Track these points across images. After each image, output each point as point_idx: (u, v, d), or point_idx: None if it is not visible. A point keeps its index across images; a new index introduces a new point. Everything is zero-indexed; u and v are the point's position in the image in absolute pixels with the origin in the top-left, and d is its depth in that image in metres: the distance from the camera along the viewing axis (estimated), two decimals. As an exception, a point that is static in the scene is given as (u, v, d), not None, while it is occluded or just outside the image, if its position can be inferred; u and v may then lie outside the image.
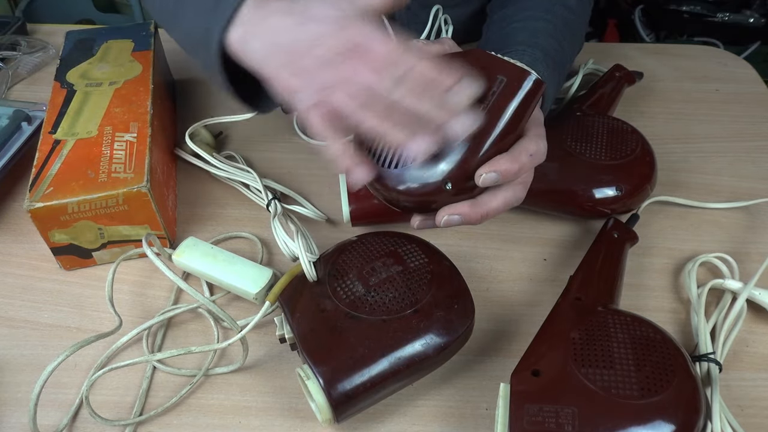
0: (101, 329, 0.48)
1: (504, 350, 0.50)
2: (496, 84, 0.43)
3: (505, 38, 0.62)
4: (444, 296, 0.45)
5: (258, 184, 0.58)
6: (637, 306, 0.52)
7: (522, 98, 0.42)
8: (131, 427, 0.45)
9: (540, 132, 0.46)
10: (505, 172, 0.42)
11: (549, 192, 0.56)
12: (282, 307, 0.46)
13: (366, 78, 0.40)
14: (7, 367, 0.48)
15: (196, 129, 0.63)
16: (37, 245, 0.55)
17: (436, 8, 0.72)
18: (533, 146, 0.44)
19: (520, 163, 0.43)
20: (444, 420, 0.45)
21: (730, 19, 1.50)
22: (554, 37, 0.62)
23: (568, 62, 0.65)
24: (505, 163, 0.43)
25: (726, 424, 0.42)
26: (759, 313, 0.52)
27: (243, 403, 0.46)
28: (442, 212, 0.44)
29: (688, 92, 0.75)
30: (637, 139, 0.59)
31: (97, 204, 0.50)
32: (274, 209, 0.55)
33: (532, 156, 0.44)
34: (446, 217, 0.44)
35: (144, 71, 0.61)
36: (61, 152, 0.53)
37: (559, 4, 0.65)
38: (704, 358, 0.46)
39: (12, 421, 0.45)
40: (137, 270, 0.55)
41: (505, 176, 0.42)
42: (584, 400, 0.39)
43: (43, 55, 0.77)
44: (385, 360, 0.42)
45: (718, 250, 0.55)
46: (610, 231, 0.54)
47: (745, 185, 0.63)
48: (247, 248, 0.57)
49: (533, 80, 0.42)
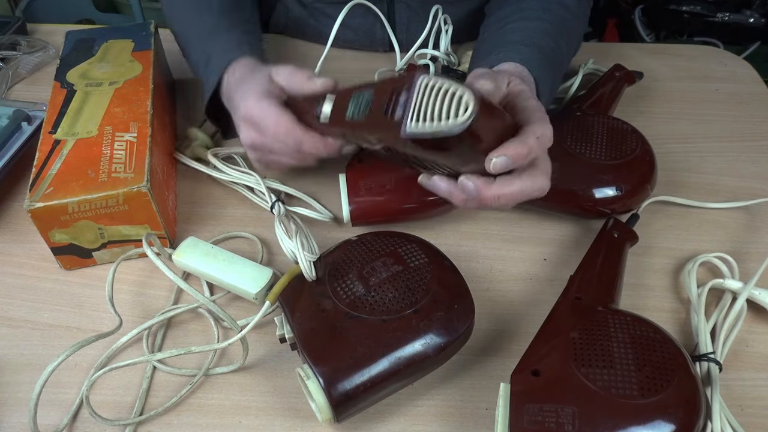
0: (101, 329, 0.48)
1: (504, 350, 0.50)
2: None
3: (501, 38, 0.62)
4: (444, 296, 0.45)
5: (261, 186, 0.58)
6: (637, 306, 0.52)
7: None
8: (131, 426, 0.45)
9: (544, 117, 0.47)
10: (516, 156, 0.44)
11: (549, 192, 0.56)
12: (282, 306, 0.46)
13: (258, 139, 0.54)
14: (7, 367, 0.48)
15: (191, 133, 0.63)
16: (37, 245, 0.55)
17: (436, 8, 0.72)
18: (539, 129, 0.45)
19: (528, 146, 0.44)
20: (444, 420, 0.45)
21: (730, 19, 1.50)
22: (551, 36, 0.62)
23: (566, 61, 0.65)
24: (513, 146, 0.44)
25: (726, 423, 0.42)
26: (759, 312, 0.52)
27: (243, 402, 0.46)
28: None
29: (688, 92, 0.75)
30: (637, 139, 0.59)
31: (97, 204, 0.50)
32: (278, 211, 0.55)
33: (540, 138, 0.45)
34: (463, 178, 0.46)
35: (144, 71, 0.61)
36: (62, 152, 0.53)
37: (556, 3, 0.65)
38: (704, 358, 0.46)
39: (12, 421, 0.45)
40: (137, 270, 0.55)
41: (515, 159, 0.44)
42: (584, 400, 0.39)
43: (43, 55, 0.77)
44: (385, 360, 0.42)
45: (718, 249, 0.55)
46: (610, 231, 0.54)
47: (745, 185, 0.63)
48: (247, 248, 0.57)
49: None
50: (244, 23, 0.65)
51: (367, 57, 0.79)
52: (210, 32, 0.63)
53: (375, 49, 0.79)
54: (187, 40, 0.66)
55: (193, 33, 0.66)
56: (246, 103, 0.53)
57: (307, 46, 0.81)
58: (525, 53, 0.58)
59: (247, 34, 0.63)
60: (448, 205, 0.57)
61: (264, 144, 0.54)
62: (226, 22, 0.64)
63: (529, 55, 0.57)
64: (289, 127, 0.51)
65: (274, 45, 0.81)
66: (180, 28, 0.68)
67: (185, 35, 0.67)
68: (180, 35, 0.68)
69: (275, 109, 0.51)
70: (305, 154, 0.53)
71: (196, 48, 0.64)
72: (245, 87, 0.55)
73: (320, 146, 0.51)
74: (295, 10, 0.80)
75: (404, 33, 0.77)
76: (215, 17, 0.64)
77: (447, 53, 0.73)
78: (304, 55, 0.79)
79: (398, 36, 0.76)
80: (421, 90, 0.41)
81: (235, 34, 0.62)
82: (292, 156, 0.53)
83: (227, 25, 0.63)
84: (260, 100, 0.52)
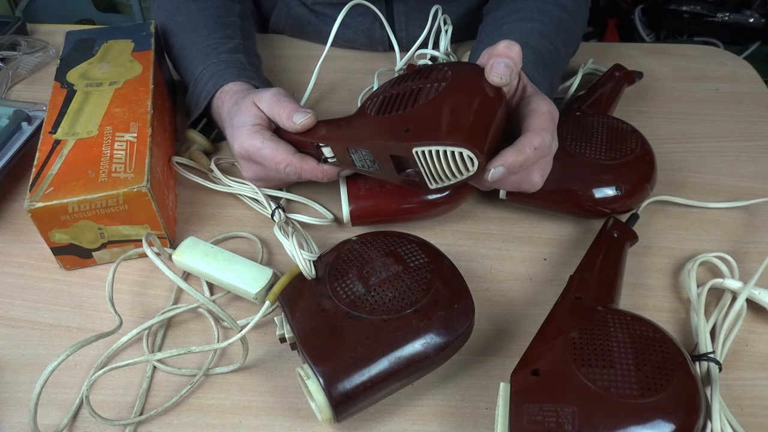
0: (101, 329, 0.48)
1: (504, 350, 0.50)
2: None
3: (497, 39, 0.62)
4: (444, 296, 0.45)
5: (260, 195, 0.58)
6: (637, 305, 0.52)
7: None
8: (131, 426, 0.45)
9: (545, 126, 0.48)
10: (511, 165, 0.46)
11: (549, 192, 0.56)
12: (282, 306, 0.46)
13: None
14: (7, 367, 0.48)
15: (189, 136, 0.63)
16: (37, 245, 0.55)
17: (435, 8, 0.72)
18: (537, 140, 0.47)
19: (524, 156, 0.46)
20: (444, 419, 0.46)
21: (730, 19, 1.50)
22: (547, 36, 0.62)
23: (563, 62, 0.65)
24: (510, 156, 0.46)
25: (726, 423, 0.42)
26: (759, 312, 0.52)
27: (243, 402, 0.46)
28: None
29: (688, 92, 0.75)
30: (637, 139, 0.59)
31: (97, 204, 0.50)
32: (278, 218, 0.55)
33: (537, 149, 0.46)
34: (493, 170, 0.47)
35: (144, 71, 0.61)
36: (62, 152, 0.53)
37: (552, 3, 0.65)
38: (704, 358, 0.46)
39: (12, 421, 0.45)
40: (137, 270, 0.55)
41: (511, 169, 0.46)
42: (584, 400, 0.39)
43: (43, 55, 0.77)
44: (385, 359, 0.42)
45: (718, 249, 0.55)
46: (610, 230, 0.54)
47: (745, 185, 0.63)
48: (247, 248, 0.57)
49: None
50: (230, 37, 0.66)
51: (366, 57, 0.79)
52: (198, 50, 0.65)
53: (375, 48, 0.79)
54: (174, 46, 0.68)
55: (180, 42, 0.67)
56: (239, 142, 0.55)
57: (307, 46, 0.81)
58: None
59: (234, 52, 0.64)
60: (448, 205, 0.57)
61: (267, 174, 0.57)
62: (215, 39, 0.65)
63: (524, 58, 0.58)
64: (288, 161, 0.54)
65: (275, 45, 0.81)
66: (167, 31, 0.69)
67: (172, 40, 0.68)
68: (167, 39, 0.69)
69: (269, 144, 0.54)
70: (306, 179, 0.55)
71: (183, 61, 0.66)
72: (235, 122, 0.56)
73: (319, 174, 0.55)
74: (296, 8, 0.80)
75: (403, 32, 0.77)
76: (201, 33, 0.66)
77: (447, 53, 0.73)
78: (304, 56, 0.79)
79: (397, 35, 0.76)
80: (424, 161, 0.46)
81: (222, 54, 0.64)
82: (293, 180, 0.57)
83: (215, 42, 0.65)
84: (252, 137, 0.54)
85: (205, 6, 0.68)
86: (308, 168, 0.54)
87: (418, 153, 0.46)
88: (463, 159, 0.45)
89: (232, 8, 0.70)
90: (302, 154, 0.54)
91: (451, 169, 0.46)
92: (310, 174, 0.54)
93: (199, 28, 0.66)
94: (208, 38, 0.65)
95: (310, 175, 0.55)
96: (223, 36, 0.66)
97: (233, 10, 0.70)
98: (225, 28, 0.67)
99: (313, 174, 0.54)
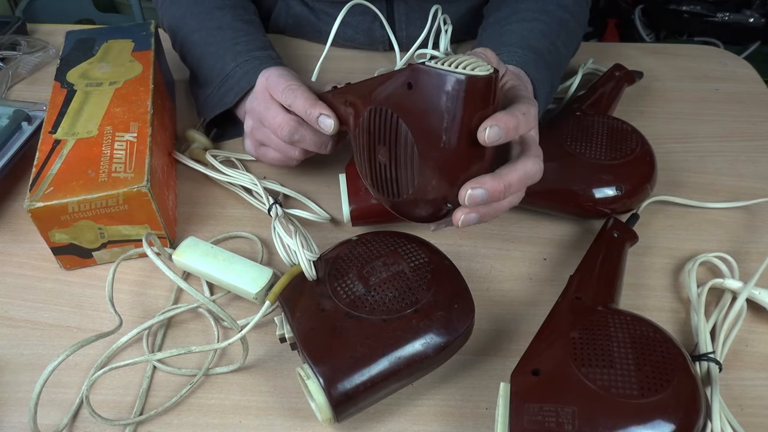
0: (101, 329, 0.48)
1: (504, 350, 0.50)
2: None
3: (497, 40, 0.62)
4: (444, 296, 0.45)
5: (259, 188, 0.58)
6: (637, 305, 0.52)
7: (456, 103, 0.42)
8: (131, 426, 0.45)
9: (531, 99, 0.47)
10: (506, 126, 0.43)
11: (549, 192, 0.56)
12: (282, 306, 0.46)
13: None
14: (7, 367, 0.48)
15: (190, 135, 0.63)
16: (37, 245, 0.55)
17: (435, 8, 0.71)
18: (524, 107, 0.45)
19: (516, 118, 0.43)
20: (444, 419, 0.46)
21: (730, 19, 1.50)
22: (548, 37, 0.62)
23: (564, 62, 0.65)
24: (503, 117, 0.43)
25: (726, 423, 0.42)
26: (759, 312, 0.52)
27: (243, 402, 0.46)
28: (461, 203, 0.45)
29: (688, 92, 0.75)
30: (637, 138, 0.59)
31: (97, 204, 0.50)
32: (275, 214, 0.55)
33: (525, 115, 0.44)
34: (470, 191, 0.44)
35: (144, 71, 0.61)
36: (62, 152, 0.53)
37: (553, 3, 0.65)
38: (704, 358, 0.46)
39: (12, 421, 0.45)
40: (137, 270, 0.55)
41: (506, 131, 0.43)
42: (584, 400, 0.39)
43: (43, 55, 0.77)
44: (385, 359, 0.42)
45: (718, 249, 0.56)
46: (610, 230, 0.54)
47: (745, 185, 0.63)
48: (247, 248, 0.57)
49: (458, 82, 0.41)
50: (256, 35, 0.66)
51: (367, 56, 0.79)
52: (227, 48, 0.64)
53: (375, 48, 0.79)
54: (195, 44, 0.67)
55: (202, 40, 0.66)
56: (268, 74, 0.56)
57: (307, 45, 0.81)
58: (520, 56, 0.58)
59: (264, 48, 0.64)
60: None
61: (266, 137, 0.57)
62: (242, 37, 0.65)
63: (524, 58, 0.58)
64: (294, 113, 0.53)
65: (275, 45, 0.81)
66: (182, 31, 0.68)
67: (191, 38, 0.67)
68: (181, 38, 0.68)
69: (297, 85, 0.54)
70: (296, 126, 0.54)
71: (209, 59, 0.65)
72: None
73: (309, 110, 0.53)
74: (296, 7, 0.80)
75: (404, 32, 0.77)
76: (227, 33, 0.65)
77: (447, 53, 0.73)
78: (304, 55, 0.79)
79: (398, 35, 0.76)
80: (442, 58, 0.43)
81: (254, 51, 0.63)
82: (286, 140, 0.55)
83: (245, 41, 0.64)
84: (286, 74, 0.56)
85: (224, 5, 0.67)
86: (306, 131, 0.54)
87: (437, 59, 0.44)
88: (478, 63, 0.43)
89: (248, 6, 0.70)
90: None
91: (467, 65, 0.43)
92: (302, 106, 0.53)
93: (223, 28, 0.65)
94: (234, 38, 0.64)
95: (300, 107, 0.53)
96: (247, 34, 0.65)
97: (249, 9, 0.70)
98: (248, 26, 0.66)
99: (303, 109, 0.53)
